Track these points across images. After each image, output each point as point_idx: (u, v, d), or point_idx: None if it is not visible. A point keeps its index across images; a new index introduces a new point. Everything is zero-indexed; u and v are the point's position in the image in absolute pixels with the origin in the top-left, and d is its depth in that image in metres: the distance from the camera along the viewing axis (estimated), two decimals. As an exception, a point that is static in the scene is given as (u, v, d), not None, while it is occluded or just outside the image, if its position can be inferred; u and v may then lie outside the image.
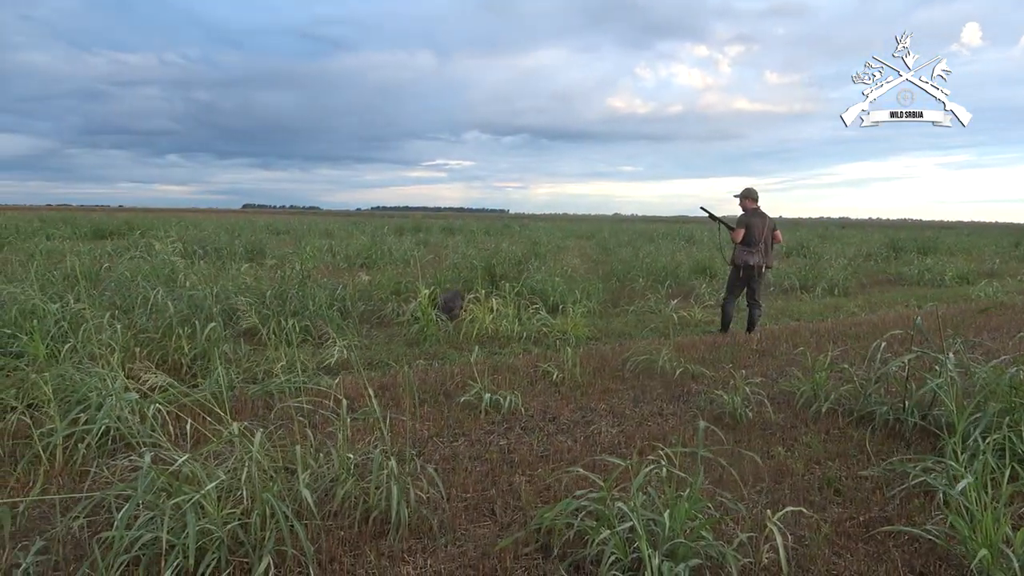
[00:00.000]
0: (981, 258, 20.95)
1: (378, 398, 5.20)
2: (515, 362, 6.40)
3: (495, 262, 11.37)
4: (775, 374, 6.24)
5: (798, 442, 4.44)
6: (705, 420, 4.75)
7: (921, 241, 23.94)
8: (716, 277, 13.28)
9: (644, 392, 5.59)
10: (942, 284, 14.20)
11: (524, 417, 4.89)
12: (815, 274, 13.10)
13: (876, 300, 11.77)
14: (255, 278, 8.93)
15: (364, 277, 10.58)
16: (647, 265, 13.34)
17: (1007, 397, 4.03)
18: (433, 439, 4.43)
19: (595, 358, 6.58)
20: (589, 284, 10.33)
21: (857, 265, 16.95)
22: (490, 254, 12.59)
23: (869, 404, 4.83)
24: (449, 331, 7.61)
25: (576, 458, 4.09)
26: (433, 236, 28.22)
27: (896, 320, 9.36)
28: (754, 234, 7.87)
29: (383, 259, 15.52)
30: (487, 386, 5.18)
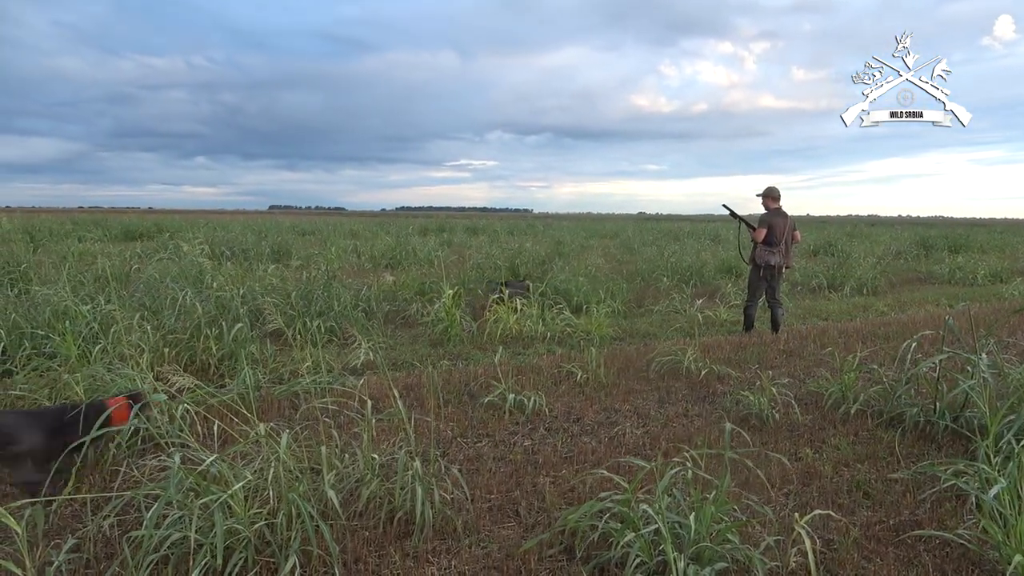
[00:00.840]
0: (1015, 256, 20.47)
1: (402, 399, 5.21)
2: (539, 363, 6.39)
3: (519, 262, 11.38)
4: (803, 375, 6.16)
5: (826, 444, 4.38)
6: (731, 422, 4.72)
7: (952, 239, 23.44)
8: (742, 276, 13.11)
9: (669, 393, 5.55)
10: (974, 283, 13.90)
11: (548, 418, 4.89)
12: (843, 273, 12.91)
13: (906, 299, 11.57)
14: (281, 279, 9.03)
15: (389, 278, 10.65)
16: (672, 264, 13.24)
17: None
18: (457, 440, 4.44)
19: (619, 359, 6.55)
20: (613, 284, 10.29)
21: (886, 264, 16.66)
22: (513, 254, 12.60)
23: (899, 406, 4.75)
24: (473, 331, 7.62)
25: (600, 459, 4.08)
26: (457, 236, 28.28)
27: (926, 320, 9.19)
28: (776, 233, 7.81)
29: (407, 259, 15.59)
30: (511, 387, 5.19)
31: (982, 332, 4.43)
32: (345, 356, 6.66)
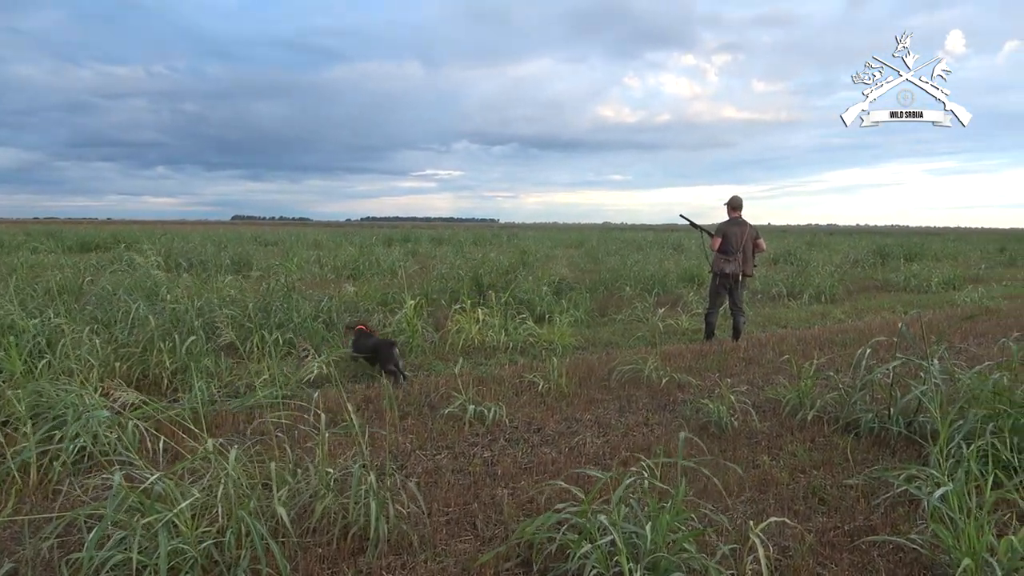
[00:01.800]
0: (967, 263, 21.08)
1: (361, 411, 5.19)
2: (501, 373, 6.36)
3: (482, 272, 11.33)
4: (761, 382, 6.23)
5: (783, 451, 4.42)
6: (690, 430, 4.76)
7: (908, 247, 24.09)
8: (704, 285, 13.29)
9: (630, 402, 5.56)
10: (928, 290, 14.26)
11: (508, 429, 4.85)
12: (802, 281, 13.13)
13: (863, 306, 11.81)
14: (240, 290, 8.87)
15: (350, 288, 10.52)
16: (635, 274, 13.32)
17: (990, 403, 4.02)
18: (416, 452, 4.38)
19: (581, 368, 6.55)
20: (576, 293, 10.31)
21: (844, 272, 17.00)
22: (477, 264, 12.56)
23: (854, 412, 4.82)
24: (435, 342, 7.55)
25: (560, 470, 4.06)
26: (422, 246, 28.19)
27: (882, 326, 9.38)
28: (731, 242, 7.91)
29: (370, 270, 15.45)
30: (472, 397, 5.15)
31: (933, 339, 4.51)
32: (304, 368, 6.57)
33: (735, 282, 7.99)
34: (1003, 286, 15.36)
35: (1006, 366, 4.51)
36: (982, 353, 7.33)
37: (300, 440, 4.19)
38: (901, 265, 18.49)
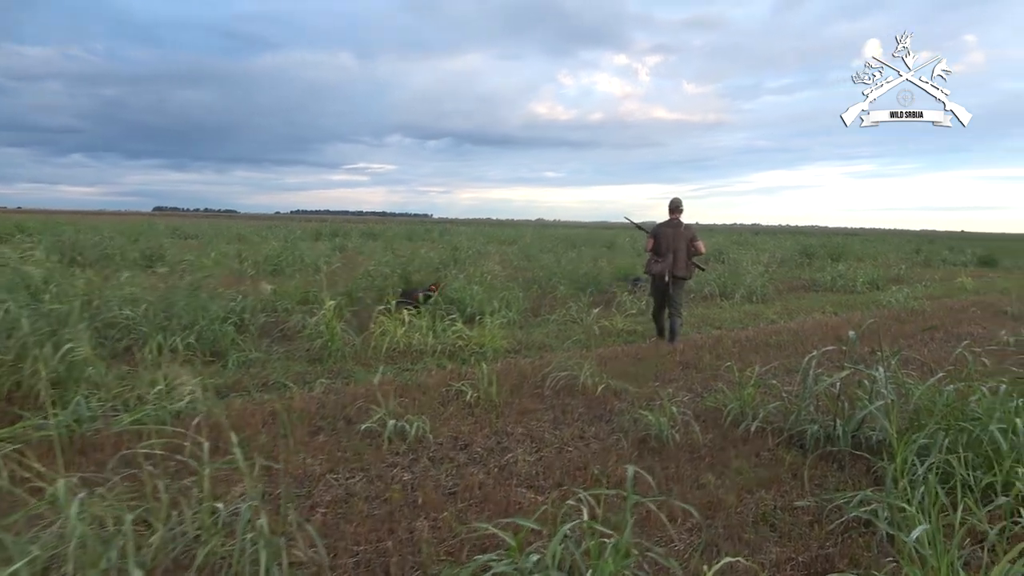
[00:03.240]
0: (887, 264, 21.70)
1: (267, 427, 4.64)
2: (427, 380, 5.88)
3: (411, 269, 10.80)
4: (701, 389, 5.96)
5: (728, 468, 4.11)
6: (630, 444, 4.42)
7: (831, 247, 24.71)
8: (638, 284, 13.13)
9: (565, 412, 5.18)
10: (855, 290, 14.48)
11: (432, 446, 4.39)
12: (734, 281, 13.09)
13: (793, 306, 11.82)
14: (143, 288, 8.10)
15: (266, 287, 9.83)
16: (569, 272, 13.02)
17: (944, 417, 3.81)
18: (326, 476, 3.87)
19: (513, 374, 6.14)
20: (509, 292, 9.91)
21: (773, 271, 17.19)
22: (406, 260, 12.02)
23: (800, 423, 4.57)
24: (356, 346, 7.00)
25: (488, 495, 3.64)
26: (352, 241, 27.34)
27: (815, 327, 9.35)
28: (662, 244, 7.92)
29: (293, 266, 14.68)
30: (392, 410, 4.67)
31: (884, 350, 4.30)
32: (212, 376, 5.96)
33: (670, 283, 7.88)
34: (923, 286, 15.80)
35: (957, 377, 4.33)
36: (914, 356, 7.31)
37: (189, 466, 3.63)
38: (827, 265, 18.85)
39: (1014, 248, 38.31)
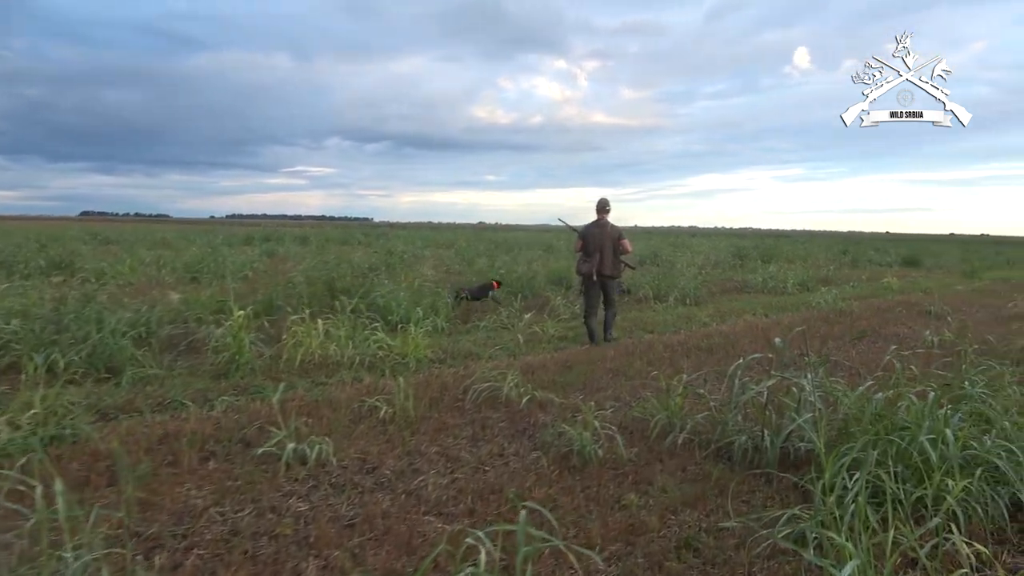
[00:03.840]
0: (817, 265, 22.15)
1: (154, 453, 4.19)
2: (339, 395, 5.48)
3: (336, 275, 10.33)
4: (629, 397, 5.74)
5: (653, 486, 3.86)
6: (550, 461, 4.15)
7: (763, 249, 25.18)
8: (573, 287, 12.96)
9: (485, 427, 4.87)
10: (785, 291, 14.64)
11: (336, 470, 4.01)
12: (667, 283, 13.03)
13: (725, 308, 11.81)
14: (35, 299, 7.45)
15: (174, 295, 9.21)
16: (502, 276, 12.73)
17: (874, 428, 3.65)
18: (209, 511, 3.46)
19: (434, 386, 5.79)
20: (437, 298, 9.55)
21: (707, 273, 17.31)
22: (331, 266, 11.53)
23: (727, 434, 4.37)
24: (267, 359, 6.53)
25: (391, 526, 3.30)
26: (283, 246, 26.48)
27: (746, 330, 9.29)
28: (590, 244, 8.15)
29: (215, 273, 13.96)
30: (295, 431, 4.27)
31: (812, 356, 4.13)
32: (103, 395, 5.45)
33: (597, 281, 8.12)
34: (851, 287, 16.12)
35: (886, 384, 4.20)
36: (843, 360, 7.27)
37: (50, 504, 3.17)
38: (759, 267, 19.10)
39: (935, 249, 39.86)
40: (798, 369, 4.48)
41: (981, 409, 4.00)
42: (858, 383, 4.45)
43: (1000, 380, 4.79)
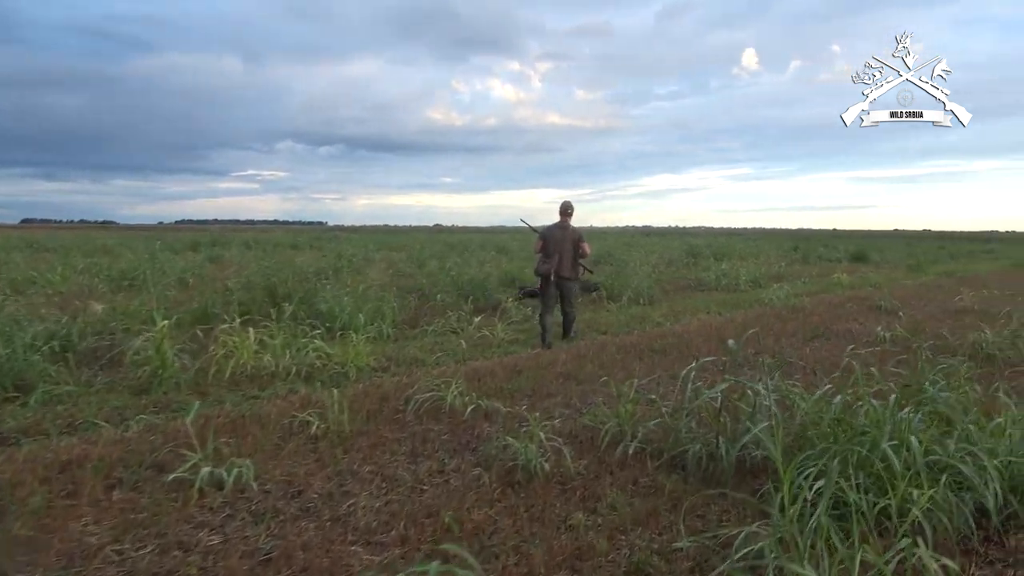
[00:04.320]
0: (768, 262, 22.33)
1: (52, 483, 3.76)
2: (268, 410, 5.09)
3: (277, 281, 9.86)
4: (580, 404, 5.47)
5: (601, 502, 3.59)
6: (493, 477, 3.85)
7: (716, 247, 25.33)
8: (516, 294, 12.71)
9: (425, 441, 4.54)
10: (738, 288, 14.63)
11: (257, 495, 3.65)
12: (621, 282, 12.86)
13: (679, 307, 11.67)
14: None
15: (96, 306, 8.65)
16: (453, 278, 12.38)
17: (834, 434, 3.44)
18: (107, 549, 3.06)
19: (373, 397, 5.44)
20: (384, 302, 9.18)
21: (660, 272, 17.26)
22: (272, 271, 11.05)
23: (680, 442, 4.13)
24: (194, 372, 6.08)
25: (312, 560, 2.96)
26: (230, 251, 25.65)
27: (700, 329, 9.13)
28: (550, 245, 8.18)
29: (152, 280, 13.29)
30: (212, 453, 3.89)
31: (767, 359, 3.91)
32: (10, 416, 4.98)
33: (556, 282, 8.15)
34: (802, 283, 16.21)
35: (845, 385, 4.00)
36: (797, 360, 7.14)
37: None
38: (712, 264, 19.13)
39: (880, 244, 40.77)
40: (753, 371, 4.27)
41: (942, 410, 3.84)
42: (815, 384, 4.27)
43: (958, 377, 4.67)
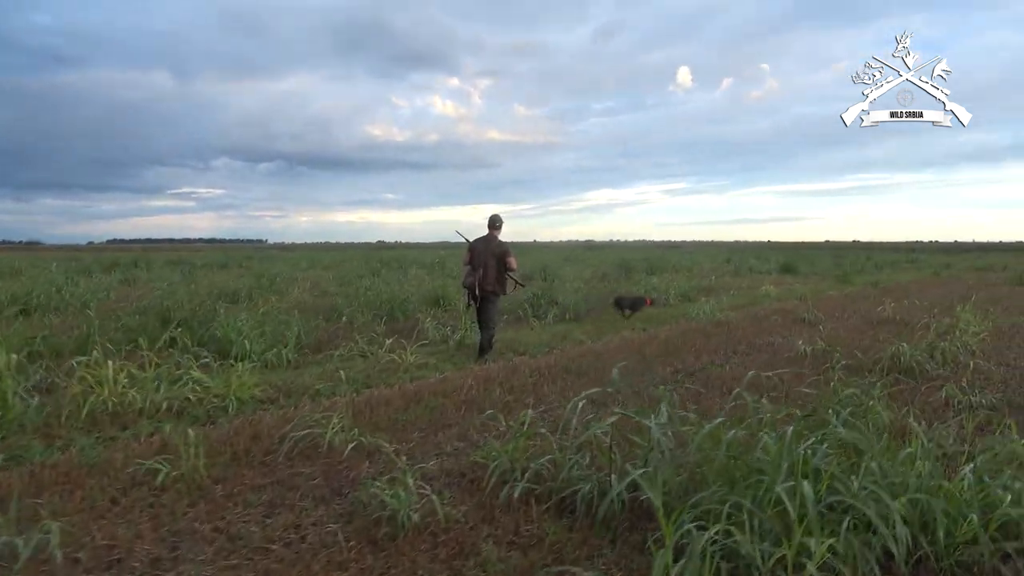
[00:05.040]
0: (701, 275, 22.39)
1: None
2: (114, 456, 4.44)
3: (170, 304, 9.13)
4: (477, 436, 5.01)
5: (471, 560, 3.12)
6: (355, 531, 3.35)
7: (651, 261, 25.28)
8: (453, 306, 12.20)
9: (291, 489, 4.00)
10: (667, 303, 14.45)
11: (60, 568, 3.05)
12: (548, 299, 12.48)
13: (604, 324, 11.35)
14: None
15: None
16: (369, 298, 11.76)
17: (727, 473, 3.07)
18: None
19: (245, 436, 4.84)
20: (287, 325, 8.56)
21: (592, 287, 16.99)
22: (163, 294, 10.29)
23: (570, 482, 3.71)
24: (44, 412, 5.36)
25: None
26: (150, 272, 24.38)
27: (621, 347, 8.81)
28: (475, 258, 8.20)
29: (45, 306, 12.26)
30: (16, 514, 3.28)
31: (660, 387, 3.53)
32: None
33: (478, 296, 8.15)
34: (732, 295, 16.19)
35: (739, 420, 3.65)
36: (712, 374, 6.86)
37: None
38: (643, 278, 18.99)
39: (810, 256, 41.67)
40: (652, 399, 3.89)
41: (849, 438, 3.52)
42: (720, 409, 3.91)
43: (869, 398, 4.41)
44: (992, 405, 5.95)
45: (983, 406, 5.90)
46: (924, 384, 6.42)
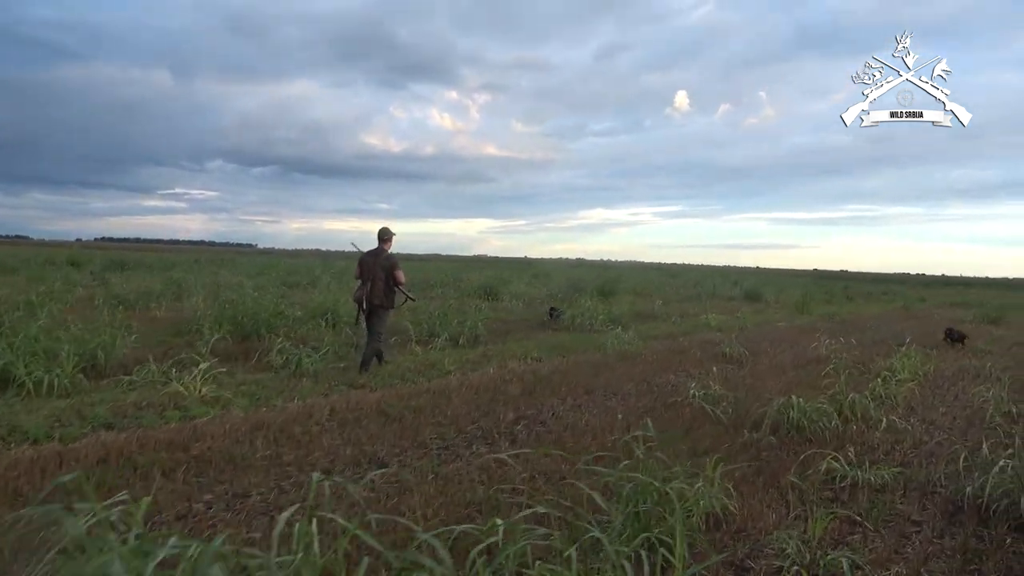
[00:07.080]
0: (658, 299, 20.97)
1: None
2: None
3: None
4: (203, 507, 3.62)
5: None
6: None
7: (606, 280, 23.70)
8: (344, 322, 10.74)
9: None
10: (592, 329, 13.05)
11: None
12: (442, 320, 11.00)
13: (497, 351, 9.89)
14: None
15: None
16: (226, 311, 10.24)
17: None
18: None
19: None
20: (82, 344, 7.17)
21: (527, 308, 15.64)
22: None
23: None
24: None
25: None
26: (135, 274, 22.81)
27: (486, 383, 7.42)
28: (364, 271, 8.10)
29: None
30: None
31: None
32: None
33: (367, 310, 8.03)
34: (672, 322, 14.90)
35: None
36: (556, 426, 5.51)
37: None
38: (585, 301, 17.53)
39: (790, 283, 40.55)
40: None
41: None
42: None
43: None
44: (882, 484, 4.65)
45: (869, 485, 4.61)
46: (807, 450, 5.08)
